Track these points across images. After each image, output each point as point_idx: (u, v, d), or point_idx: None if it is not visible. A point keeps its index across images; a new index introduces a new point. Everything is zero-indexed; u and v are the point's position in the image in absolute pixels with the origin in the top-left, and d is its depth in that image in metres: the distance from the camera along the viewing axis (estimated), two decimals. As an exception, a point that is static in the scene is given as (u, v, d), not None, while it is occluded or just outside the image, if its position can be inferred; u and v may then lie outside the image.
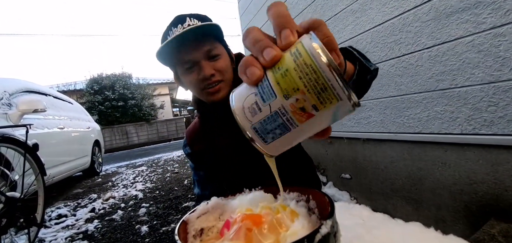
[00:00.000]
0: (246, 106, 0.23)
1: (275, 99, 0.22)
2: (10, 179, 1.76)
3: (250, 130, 0.24)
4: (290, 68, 0.21)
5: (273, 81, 0.22)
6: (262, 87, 0.22)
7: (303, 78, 0.20)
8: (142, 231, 1.99)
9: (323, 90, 0.20)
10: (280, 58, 0.22)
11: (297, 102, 0.21)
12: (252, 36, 0.24)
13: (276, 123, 0.22)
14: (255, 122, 0.23)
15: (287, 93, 0.21)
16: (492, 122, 1.04)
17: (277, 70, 0.22)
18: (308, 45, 0.21)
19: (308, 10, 2.02)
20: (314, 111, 0.21)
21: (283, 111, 0.22)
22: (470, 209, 1.15)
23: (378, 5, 1.43)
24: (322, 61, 0.20)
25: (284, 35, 0.23)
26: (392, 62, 1.42)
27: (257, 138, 0.24)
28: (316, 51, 0.20)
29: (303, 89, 0.21)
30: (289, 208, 0.28)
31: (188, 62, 0.66)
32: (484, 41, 1.02)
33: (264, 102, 0.22)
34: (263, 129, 0.23)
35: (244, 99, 0.24)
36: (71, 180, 4.30)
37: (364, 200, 1.75)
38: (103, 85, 11.98)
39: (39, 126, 2.76)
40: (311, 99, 0.21)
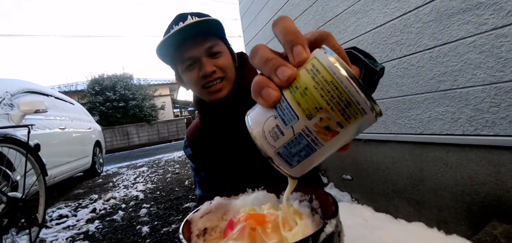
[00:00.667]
0: (267, 130, 0.22)
1: (297, 121, 0.21)
2: (12, 180, 1.76)
3: (274, 155, 0.23)
4: (310, 86, 0.20)
5: (292, 102, 0.21)
6: (281, 109, 0.21)
7: (325, 95, 0.19)
8: (143, 231, 1.99)
9: (347, 106, 0.20)
10: (296, 76, 0.21)
11: (321, 121, 0.20)
12: (262, 54, 0.23)
13: (301, 145, 0.21)
14: (278, 147, 0.22)
15: (309, 113, 0.20)
16: (494, 123, 1.03)
17: (295, 89, 0.21)
18: (325, 60, 0.20)
19: (309, 11, 2.03)
20: (339, 128, 0.21)
21: (307, 132, 0.21)
22: (472, 210, 1.15)
23: (379, 6, 1.44)
24: (342, 75, 0.19)
25: (297, 52, 0.22)
26: (393, 63, 1.42)
27: (282, 163, 0.23)
28: (335, 65, 0.19)
29: (326, 107, 0.20)
30: (293, 208, 0.28)
31: (188, 59, 0.65)
32: (486, 42, 1.02)
33: (286, 125, 0.21)
34: (288, 153, 0.22)
35: (263, 123, 0.22)
36: (72, 181, 4.30)
37: (366, 201, 1.74)
38: (104, 86, 12.01)
39: (41, 126, 2.76)
40: (336, 116, 0.20)
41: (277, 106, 0.22)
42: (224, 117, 0.71)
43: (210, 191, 0.81)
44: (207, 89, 0.66)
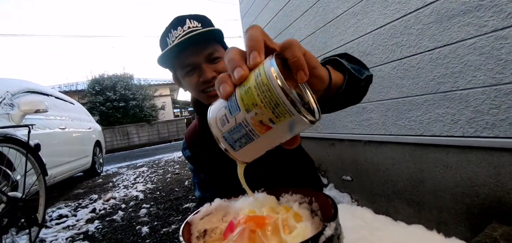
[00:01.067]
0: (218, 117, 0.27)
1: (239, 112, 0.25)
2: (12, 179, 1.76)
3: (221, 138, 0.28)
4: (251, 86, 0.25)
5: (238, 97, 0.25)
6: (230, 101, 0.26)
7: (260, 95, 0.24)
8: (143, 232, 1.99)
9: (277, 106, 0.23)
10: (246, 77, 0.26)
11: (256, 116, 0.24)
12: (229, 55, 0.28)
13: (240, 133, 0.26)
14: (224, 131, 0.27)
15: (248, 107, 0.25)
16: (494, 125, 1.03)
17: (242, 87, 0.26)
18: (267, 66, 0.24)
19: (309, 12, 2.03)
20: (271, 123, 0.25)
21: (246, 123, 0.25)
22: (472, 211, 1.15)
23: (380, 8, 1.44)
24: (275, 81, 0.23)
25: (252, 57, 0.26)
26: (393, 64, 1.42)
27: (227, 146, 0.28)
28: (272, 72, 0.23)
29: (260, 104, 0.24)
30: (293, 210, 0.28)
31: (188, 66, 0.66)
32: (486, 44, 1.02)
33: (231, 115, 0.26)
34: (231, 138, 0.27)
35: (217, 112, 0.28)
36: (72, 181, 4.31)
37: (365, 202, 1.74)
38: (105, 86, 12.02)
39: (41, 126, 2.77)
40: (267, 113, 0.24)
41: (229, 99, 0.27)
42: None
43: (209, 193, 0.81)
44: (207, 94, 0.67)
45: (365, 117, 1.66)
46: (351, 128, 1.80)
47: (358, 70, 0.48)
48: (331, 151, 2.05)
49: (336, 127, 1.93)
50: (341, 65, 0.46)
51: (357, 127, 1.74)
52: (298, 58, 0.27)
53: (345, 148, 1.89)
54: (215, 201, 0.33)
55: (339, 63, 0.46)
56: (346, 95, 0.46)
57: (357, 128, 1.74)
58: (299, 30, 2.20)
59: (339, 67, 0.46)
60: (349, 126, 1.81)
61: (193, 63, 0.65)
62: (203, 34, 0.63)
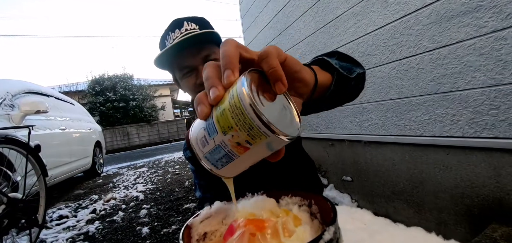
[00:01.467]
0: (198, 138, 0.27)
1: (216, 135, 0.25)
2: (12, 180, 1.76)
3: (203, 158, 0.27)
4: (226, 108, 0.24)
5: (215, 119, 0.25)
6: (208, 123, 0.26)
7: (235, 118, 0.23)
8: (143, 232, 1.99)
9: (251, 129, 0.23)
10: (222, 97, 0.25)
11: (233, 138, 0.24)
12: (206, 72, 0.27)
13: (221, 154, 0.26)
14: (205, 152, 0.26)
15: (224, 130, 0.24)
16: (493, 126, 1.04)
17: (218, 108, 0.25)
18: (239, 88, 0.23)
19: (309, 13, 2.03)
20: (248, 145, 0.24)
21: (224, 144, 0.25)
22: (472, 212, 1.15)
23: (380, 8, 1.44)
24: (247, 104, 0.22)
25: (226, 76, 0.25)
26: (393, 64, 1.42)
27: (210, 165, 0.27)
28: (243, 94, 0.23)
29: (235, 127, 0.23)
30: (292, 213, 0.28)
31: (186, 68, 0.66)
32: (485, 45, 1.02)
33: (210, 136, 0.25)
34: (212, 158, 0.26)
35: (197, 132, 0.27)
36: (72, 181, 4.31)
37: (365, 202, 1.74)
38: (105, 86, 12.03)
39: (41, 127, 2.77)
40: (243, 136, 0.23)
41: (207, 120, 0.26)
42: None
43: (210, 194, 0.81)
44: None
45: (365, 117, 1.66)
46: (351, 129, 1.80)
47: (348, 69, 0.48)
48: (331, 151, 2.05)
49: (336, 128, 1.93)
50: (329, 64, 0.45)
51: (357, 128, 1.74)
52: (274, 69, 0.26)
53: (345, 149, 1.89)
54: (215, 204, 0.33)
55: (327, 62, 0.45)
56: (336, 95, 0.45)
57: (357, 128, 1.74)
58: (299, 31, 2.20)
59: (327, 66, 0.45)
60: (349, 126, 1.81)
61: (190, 65, 0.66)
62: (199, 36, 0.63)
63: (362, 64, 0.55)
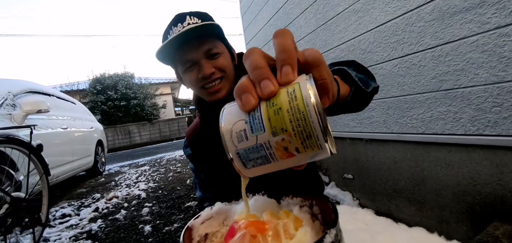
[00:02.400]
0: (235, 130, 0.23)
1: (263, 133, 0.22)
2: (15, 180, 1.78)
3: (235, 154, 0.24)
4: (284, 108, 0.22)
5: (265, 115, 0.22)
6: (253, 117, 0.23)
7: (293, 121, 0.21)
8: (145, 230, 2.00)
9: (308, 137, 0.21)
10: (276, 93, 0.22)
11: (283, 142, 0.22)
12: (253, 60, 0.24)
13: (259, 154, 0.23)
14: (240, 148, 0.23)
15: (275, 130, 0.22)
16: (496, 123, 1.03)
17: (271, 105, 0.22)
18: (305, 90, 0.21)
19: (310, 10, 2.02)
20: (296, 152, 0.22)
21: (268, 145, 0.22)
22: (474, 210, 1.15)
23: (381, 5, 1.43)
24: (313, 111, 0.21)
25: (285, 72, 0.23)
26: (395, 62, 1.41)
27: (238, 162, 0.24)
28: (311, 99, 0.21)
29: (291, 132, 0.21)
30: (293, 214, 0.28)
31: (188, 62, 0.66)
32: (488, 41, 1.01)
33: (252, 133, 0.23)
34: (246, 156, 0.24)
35: (233, 123, 0.24)
36: (75, 180, 4.33)
37: (367, 200, 1.74)
38: (106, 85, 12.05)
39: (43, 126, 2.78)
40: (296, 142, 0.22)
41: (251, 112, 0.23)
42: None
43: (210, 193, 0.81)
44: (207, 90, 0.67)
45: (366, 115, 1.65)
46: (352, 127, 1.79)
47: (365, 82, 0.48)
48: (333, 149, 2.05)
49: (337, 126, 1.93)
50: (349, 76, 0.45)
51: (358, 126, 1.74)
52: (326, 81, 0.24)
53: (346, 147, 1.89)
54: (216, 205, 0.33)
55: (347, 74, 0.45)
56: (350, 105, 0.45)
57: (358, 126, 1.74)
58: (299, 28, 2.19)
59: (347, 77, 0.45)
60: (350, 124, 1.81)
61: (192, 59, 0.65)
62: (200, 28, 0.62)
63: (364, 61, 0.55)
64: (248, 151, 0.23)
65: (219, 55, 0.67)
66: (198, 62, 0.65)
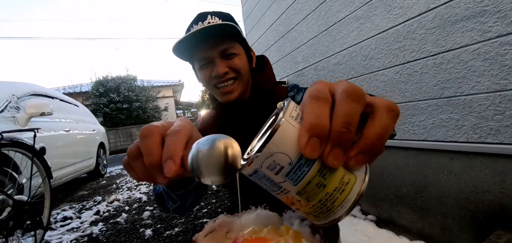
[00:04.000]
0: (274, 158, 0.20)
1: (292, 186, 0.20)
2: (18, 182, 1.79)
3: (252, 167, 0.21)
4: (327, 189, 0.20)
5: (308, 178, 0.20)
6: (299, 168, 0.20)
7: (322, 202, 0.20)
8: (146, 234, 2.00)
9: (321, 214, 0.21)
10: (339, 166, 0.20)
11: (297, 202, 0.21)
12: (347, 108, 0.19)
13: (271, 186, 0.22)
14: (262, 170, 0.21)
15: (302, 194, 0.21)
16: (498, 131, 1.03)
17: (321, 174, 0.20)
18: (353, 194, 0.20)
19: (312, 16, 2.03)
20: (298, 208, 0.22)
21: (285, 192, 0.21)
22: (477, 218, 1.14)
23: (383, 12, 1.43)
24: (345, 212, 0.20)
25: (358, 160, 0.20)
26: (396, 68, 1.41)
27: (248, 170, 0.22)
28: (350, 204, 0.20)
29: (314, 205, 0.21)
30: (293, 230, 0.29)
31: (203, 59, 0.66)
32: (490, 50, 1.01)
33: (285, 177, 0.20)
34: (259, 175, 0.21)
35: (279, 152, 0.20)
36: (76, 182, 4.35)
37: (369, 206, 1.73)
38: (109, 87, 12.12)
39: (46, 129, 2.80)
40: (308, 210, 0.22)
41: (301, 162, 0.20)
42: (238, 118, 0.72)
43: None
44: (219, 90, 0.67)
45: (368, 121, 1.65)
46: (354, 132, 1.79)
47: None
48: (334, 154, 2.05)
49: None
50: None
51: (360, 131, 1.73)
52: (379, 147, 0.20)
53: (348, 152, 1.88)
54: (219, 217, 0.33)
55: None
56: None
57: (360, 132, 1.73)
58: (301, 34, 2.20)
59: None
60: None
61: (208, 56, 0.66)
62: (218, 27, 0.63)
63: (365, 68, 0.55)
64: (265, 177, 0.21)
65: (235, 55, 0.67)
66: (213, 60, 0.66)
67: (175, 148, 0.24)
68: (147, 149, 0.25)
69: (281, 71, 2.62)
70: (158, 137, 0.25)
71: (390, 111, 0.21)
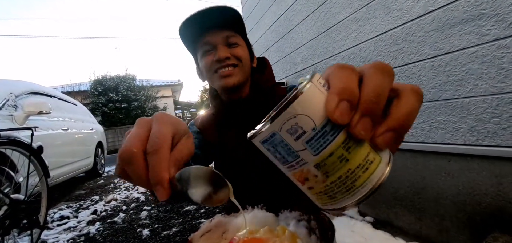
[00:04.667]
0: (297, 121, 0.19)
1: (311, 156, 0.19)
2: (15, 181, 1.78)
3: (269, 129, 0.19)
4: (350, 165, 0.19)
5: (331, 148, 0.18)
6: (323, 135, 0.18)
7: (342, 180, 0.19)
8: (144, 234, 2.00)
9: (337, 194, 0.20)
10: (367, 138, 0.19)
11: (313, 178, 0.20)
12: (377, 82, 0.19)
13: (285, 156, 0.20)
14: (281, 134, 0.19)
15: (320, 167, 0.19)
16: (495, 134, 1.03)
17: (345, 146, 0.19)
18: (377, 175, 0.20)
19: (311, 17, 2.04)
20: (308, 188, 0.21)
21: (301, 164, 0.20)
22: (474, 220, 1.14)
23: (382, 14, 1.44)
24: (365, 194, 0.19)
25: (387, 138, 0.19)
26: (394, 71, 1.42)
27: (263, 136, 0.20)
28: (373, 185, 0.19)
29: (332, 182, 0.19)
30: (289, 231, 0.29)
31: (207, 44, 0.67)
32: (488, 53, 1.02)
33: (305, 145, 0.19)
34: (274, 142, 0.20)
35: (303, 113, 0.18)
36: (74, 181, 4.33)
37: (367, 208, 1.74)
38: (107, 87, 12.09)
39: (44, 127, 2.79)
40: (323, 188, 0.20)
41: (327, 128, 0.18)
42: (238, 116, 0.72)
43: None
44: (218, 74, 0.67)
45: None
46: (352, 134, 1.79)
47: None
48: (332, 156, 2.05)
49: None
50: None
51: (358, 133, 1.74)
52: (405, 127, 0.20)
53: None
54: (215, 218, 0.33)
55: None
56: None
57: (358, 133, 1.74)
58: (301, 35, 2.21)
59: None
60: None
61: (211, 42, 0.67)
62: (224, 16, 0.64)
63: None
64: (282, 144, 0.19)
65: (237, 45, 0.69)
66: (216, 46, 0.67)
67: (160, 172, 0.23)
68: (133, 174, 0.24)
69: (280, 72, 2.62)
70: (141, 160, 0.24)
71: (416, 93, 0.21)
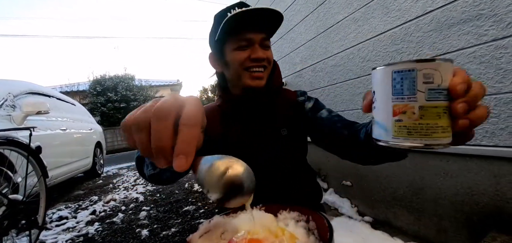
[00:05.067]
0: (430, 72, 0.27)
1: (424, 99, 0.27)
2: (13, 182, 1.77)
3: (421, 67, 0.27)
4: (439, 122, 0.27)
5: (438, 103, 0.27)
6: (440, 90, 0.27)
7: (428, 128, 0.27)
8: (143, 234, 1.99)
9: (416, 133, 0.28)
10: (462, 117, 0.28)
11: (408, 112, 0.28)
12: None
13: (409, 86, 0.28)
14: (422, 70, 0.27)
15: (422, 109, 0.27)
16: (493, 134, 1.04)
17: (444, 110, 0.27)
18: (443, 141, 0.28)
19: (310, 17, 2.04)
20: (401, 117, 0.28)
21: (412, 100, 0.27)
22: (472, 220, 1.15)
23: (380, 14, 1.44)
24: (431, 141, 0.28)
25: (464, 125, 0.28)
26: (393, 71, 1.42)
27: (409, 63, 0.28)
28: (436, 141, 0.28)
29: (420, 123, 0.27)
30: (288, 231, 0.29)
31: (245, 40, 0.67)
32: (486, 53, 1.02)
33: (427, 90, 0.27)
34: (409, 74, 0.28)
35: (446, 69, 0.27)
36: (72, 181, 4.31)
37: (365, 208, 1.74)
38: (106, 87, 12.07)
39: (42, 127, 2.78)
40: (410, 123, 0.28)
41: (442, 88, 0.27)
42: (246, 111, 0.73)
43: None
44: (251, 73, 0.68)
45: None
46: (351, 134, 1.79)
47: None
48: (331, 156, 2.05)
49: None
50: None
51: (357, 133, 1.74)
52: (478, 123, 0.29)
53: (345, 153, 1.89)
54: (214, 218, 0.33)
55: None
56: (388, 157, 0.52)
57: (357, 133, 1.74)
58: (299, 35, 2.21)
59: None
60: (349, 131, 1.81)
61: (250, 38, 0.66)
62: (273, 16, 0.65)
63: (363, 70, 0.56)
64: (411, 80, 0.27)
65: (269, 48, 0.71)
66: (254, 44, 0.67)
67: (190, 145, 0.23)
68: (158, 133, 0.23)
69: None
70: (173, 123, 0.24)
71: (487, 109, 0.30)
